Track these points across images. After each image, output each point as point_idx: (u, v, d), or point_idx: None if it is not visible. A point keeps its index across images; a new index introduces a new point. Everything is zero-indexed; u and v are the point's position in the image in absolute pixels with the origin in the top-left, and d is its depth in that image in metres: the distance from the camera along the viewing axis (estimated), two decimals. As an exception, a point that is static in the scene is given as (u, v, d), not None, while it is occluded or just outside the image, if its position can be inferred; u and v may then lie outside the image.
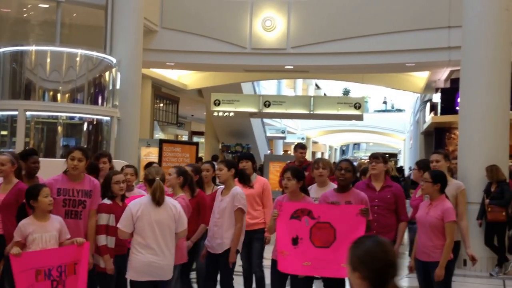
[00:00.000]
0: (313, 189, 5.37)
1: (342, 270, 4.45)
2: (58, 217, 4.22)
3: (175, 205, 4.34)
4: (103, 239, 4.54)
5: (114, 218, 4.59)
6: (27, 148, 8.41)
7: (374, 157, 5.37)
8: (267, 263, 5.34)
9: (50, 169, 5.23)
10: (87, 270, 4.09)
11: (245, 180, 5.46)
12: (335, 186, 5.05)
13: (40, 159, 5.49)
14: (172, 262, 4.31)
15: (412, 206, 5.54)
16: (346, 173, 4.72)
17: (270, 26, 13.32)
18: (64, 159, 4.60)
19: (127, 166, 5.63)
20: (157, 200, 4.19)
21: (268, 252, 5.37)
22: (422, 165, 5.86)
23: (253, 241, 5.68)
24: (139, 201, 4.30)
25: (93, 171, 5.10)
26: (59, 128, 10.17)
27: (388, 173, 5.57)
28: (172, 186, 4.98)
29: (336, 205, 4.58)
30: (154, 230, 4.18)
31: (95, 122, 10.41)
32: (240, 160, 5.94)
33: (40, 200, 4.06)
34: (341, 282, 4.69)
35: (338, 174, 4.77)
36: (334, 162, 6.92)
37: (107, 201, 4.64)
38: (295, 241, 4.45)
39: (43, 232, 4.04)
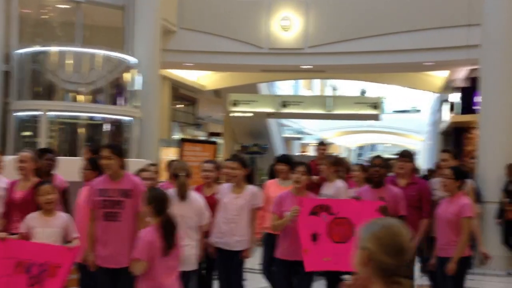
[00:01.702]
0: (324, 186, 5.50)
1: None
2: (65, 214, 4.21)
3: (199, 199, 4.48)
4: None
5: None
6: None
7: (403, 155, 5.34)
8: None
9: (71, 168, 5.34)
10: (67, 276, 3.92)
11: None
12: (341, 182, 5.21)
13: (61, 158, 5.59)
14: (194, 253, 4.45)
15: None
16: (380, 169, 4.87)
17: (287, 26, 13.36)
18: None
19: (151, 164, 5.76)
20: (182, 196, 4.36)
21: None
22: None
23: None
24: None
25: (95, 167, 4.75)
26: (81, 129, 10.37)
27: (414, 171, 5.60)
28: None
29: (356, 200, 4.63)
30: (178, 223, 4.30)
31: (118, 123, 10.56)
32: (277, 162, 5.78)
33: (37, 197, 4.14)
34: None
35: (372, 170, 4.92)
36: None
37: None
38: (314, 237, 4.47)
39: (45, 227, 4.07)
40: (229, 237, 4.91)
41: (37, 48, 10.38)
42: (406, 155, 5.33)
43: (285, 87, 26.84)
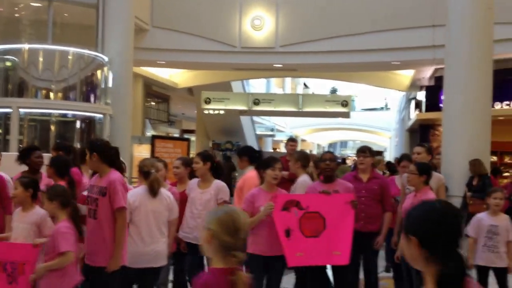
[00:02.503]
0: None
1: (334, 257, 4.63)
2: (41, 210, 4.08)
3: (169, 195, 4.60)
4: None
5: None
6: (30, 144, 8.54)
7: (362, 151, 5.46)
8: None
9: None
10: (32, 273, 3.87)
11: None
12: (303, 177, 5.29)
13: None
14: (165, 249, 4.51)
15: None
16: (331, 163, 5.00)
17: (259, 25, 13.54)
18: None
19: None
20: (155, 192, 4.43)
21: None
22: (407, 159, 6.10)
23: None
24: (135, 192, 4.51)
25: (52, 164, 4.81)
26: (52, 126, 10.31)
27: (374, 166, 5.77)
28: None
29: (326, 195, 4.77)
30: (149, 220, 4.39)
31: (90, 120, 10.54)
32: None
33: None
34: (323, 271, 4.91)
35: (324, 165, 5.01)
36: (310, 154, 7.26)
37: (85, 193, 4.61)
38: (287, 233, 4.55)
39: (19, 223, 4.08)
40: (197, 232, 4.94)
41: (8, 46, 10.29)
42: (365, 150, 5.44)
43: (257, 86, 27.03)
